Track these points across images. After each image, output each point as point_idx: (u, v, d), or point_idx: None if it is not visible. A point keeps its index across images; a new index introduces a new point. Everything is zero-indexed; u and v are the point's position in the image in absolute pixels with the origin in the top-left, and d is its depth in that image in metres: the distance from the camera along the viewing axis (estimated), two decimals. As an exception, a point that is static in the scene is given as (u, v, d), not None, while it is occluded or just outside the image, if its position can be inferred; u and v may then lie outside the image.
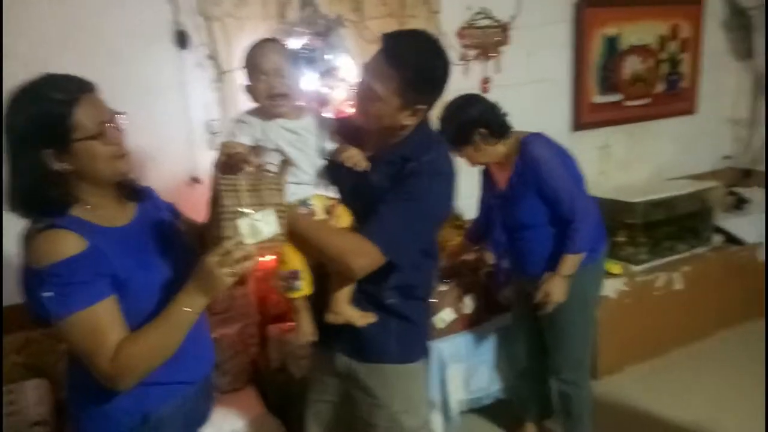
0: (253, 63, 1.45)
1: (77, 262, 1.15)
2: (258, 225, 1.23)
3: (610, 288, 3.06)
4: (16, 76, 1.20)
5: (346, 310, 1.53)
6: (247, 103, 2.46)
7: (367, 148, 1.54)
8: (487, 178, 2.36)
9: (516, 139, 2.18)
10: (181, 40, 2.40)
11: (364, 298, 1.55)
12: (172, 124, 2.46)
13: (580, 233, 2.13)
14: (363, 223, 1.46)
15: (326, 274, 1.52)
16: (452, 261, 2.70)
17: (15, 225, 1.22)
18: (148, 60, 2.37)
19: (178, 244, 1.38)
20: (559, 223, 2.17)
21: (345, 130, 1.56)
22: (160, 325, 1.22)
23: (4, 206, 1.20)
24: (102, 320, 1.17)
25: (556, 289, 2.15)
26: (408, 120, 1.47)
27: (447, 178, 1.51)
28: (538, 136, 2.19)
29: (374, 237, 1.41)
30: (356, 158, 1.48)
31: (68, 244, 1.15)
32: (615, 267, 3.17)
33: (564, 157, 2.19)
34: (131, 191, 1.35)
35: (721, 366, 3.19)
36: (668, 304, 3.27)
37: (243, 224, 1.22)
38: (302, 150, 1.47)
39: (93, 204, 1.24)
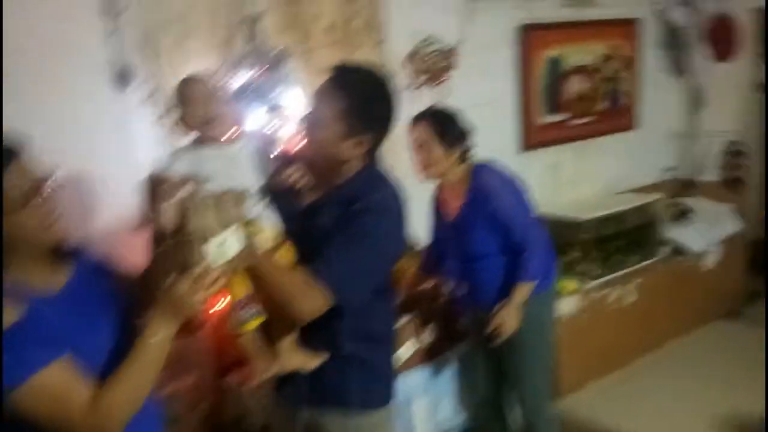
0: (180, 94, 1.46)
1: (17, 329, 1.08)
2: (225, 246, 1.20)
3: (567, 305, 3.11)
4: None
5: (291, 357, 1.48)
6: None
7: (314, 187, 1.52)
8: (437, 206, 2.36)
9: (467, 168, 2.20)
10: (123, 77, 2.32)
11: (318, 344, 1.49)
12: (115, 166, 2.36)
13: (533, 262, 2.15)
14: (308, 264, 1.41)
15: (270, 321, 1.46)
16: (409, 292, 2.66)
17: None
18: (88, 100, 2.28)
19: (120, 300, 1.33)
20: (511, 252, 2.18)
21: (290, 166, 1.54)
22: (132, 365, 1.16)
23: None
24: (60, 382, 1.11)
25: (508, 319, 2.15)
26: (351, 150, 1.44)
27: (396, 215, 1.49)
28: (487, 166, 2.22)
29: (320, 278, 1.35)
30: (296, 175, 1.47)
31: (5, 314, 1.09)
32: (570, 284, 3.22)
33: (513, 186, 2.22)
34: (64, 252, 1.28)
35: (679, 373, 3.28)
36: (623, 317, 3.35)
37: (211, 247, 1.18)
38: (236, 178, 1.41)
39: (26, 270, 1.18)
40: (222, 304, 2.18)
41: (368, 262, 1.43)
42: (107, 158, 2.33)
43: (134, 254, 1.49)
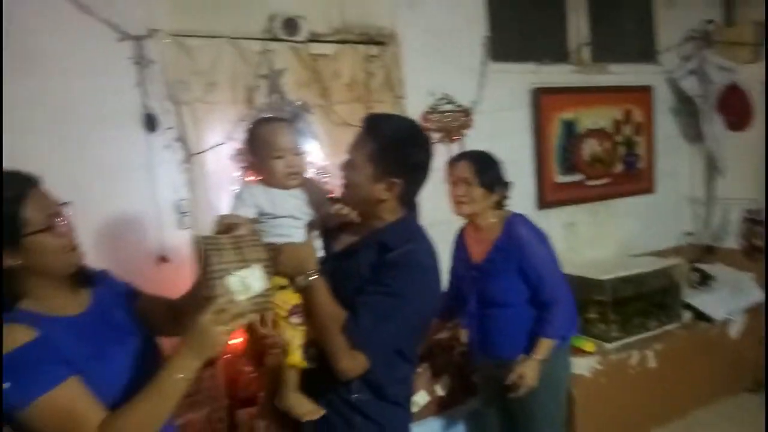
0: (268, 141, 1.46)
1: (29, 349, 1.11)
2: (247, 281, 1.23)
3: (584, 366, 3.02)
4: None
5: (290, 397, 1.45)
6: (215, 184, 2.50)
7: (353, 231, 1.55)
8: (460, 248, 2.34)
9: (502, 215, 2.21)
10: (150, 123, 2.43)
11: (326, 389, 1.46)
12: (141, 205, 2.44)
13: (558, 318, 2.12)
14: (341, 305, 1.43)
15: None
16: (425, 342, 2.63)
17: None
18: (116, 143, 2.38)
19: (136, 330, 1.34)
20: (533, 305, 2.16)
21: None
22: (152, 394, 1.16)
23: None
24: (71, 401, 1.11)
25: (530, 372, 2.10)
26: (384, 193, 1.46)
27: (430, 272, 1.48)
28: (523, 217, 2.23)
29: (350, 337, 1.37)
30: (345, 210, 1.49)
31: (16, 336, 1.11)
32: (588, 345, 3.14)
33: (547, 241, 2.22)
34: (84, 278, 1.31)
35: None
36: (642, 383, 3.22)
37: (233, 281, 1.21)
38: (303, 217, 1.49)
39: (43, 296, 1.20)
40: (238, 340, 2.19)
41: (396, 319, 1.41)
42: (134, 196, 2.42)
43: (157, 287, 1.52)
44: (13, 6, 2.17)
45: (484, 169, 2.18)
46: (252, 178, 1.54)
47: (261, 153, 1.47)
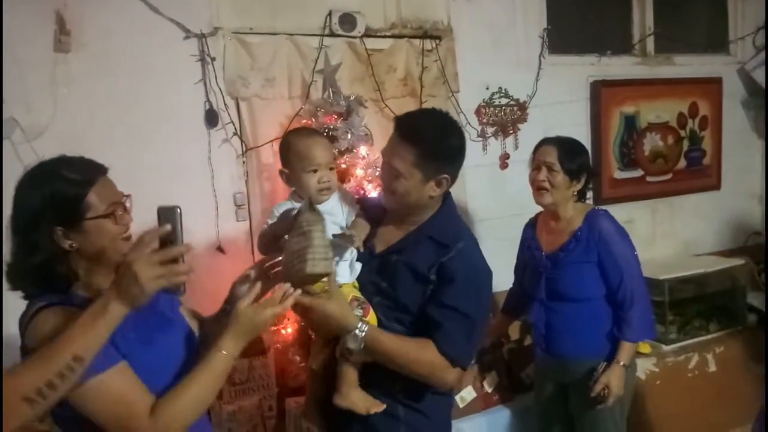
0: (303, 155, 1.48)
1: None
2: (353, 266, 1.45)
3: (639, 368, 2.92)
4: (52, 154, 1.26)
5: (352, 394, 1.46)
6: (271, 177, 2.55)
7: (392, 228, 1.57)
8: (530, 238, 2.27)
9: (583, 208, 2.16)
10: (211, 118, 2.52)
11: (373, 382, 1.49)
12: (200, 197, 2.54)
13: (638, 320, 2.05)
14: (391, 300, 1.48)
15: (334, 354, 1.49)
16: (490, 339, 2.56)
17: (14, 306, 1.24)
18: (179, 137, 2.49)
19: (179, 320, 1.39)
20: (606, 304, 2.09)
21: (370, 211, 1.59)
22: (201, 374, 1.23)
23: (5, 285, 1.23)
24: (123, 384, 1.17)
25: (615, 381, 2.03)
26: (434, 191, 1.49)
27: (488, 276, 1.53)
28: (606, 211, 2.17)
29: (448, 355, 1.44)
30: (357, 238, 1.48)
31: (71, 319, 1.16)
32: (643, 346, 3.05)
33: (629, 239, 2.15)
34: None
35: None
36: (700, 388, 3.11)
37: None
38: (333, 229, 1.50)
39: (94, 282, 1.26)
40: (288, 329, 2.27)
41: (478, 329, 1.51)
42: (193, 188, 2.51)
43: (213, 277, 1.59)
44: (94, 10, 2.30)
45: (569, 155, 2.09)
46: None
47: (295, 165, 1.49)
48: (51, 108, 2.24)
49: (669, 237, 3.75)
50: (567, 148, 2.12)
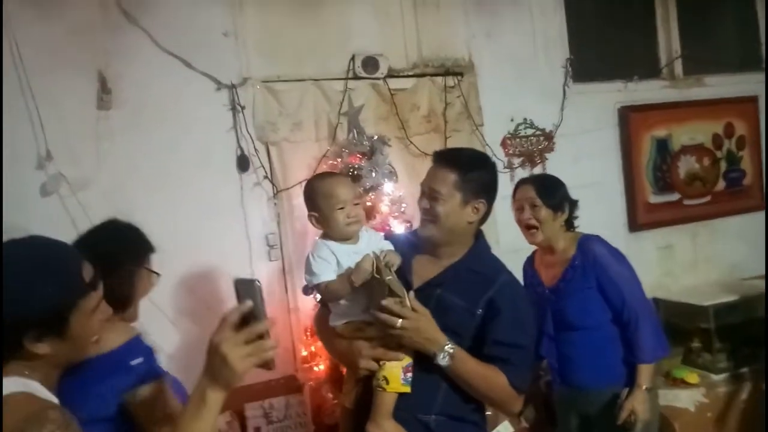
0: (329, 194, 1.55)
1: (135, 342, 1.33)
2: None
3: (688, 399, 2.83)
4: (97, 205, 1.37)
5: (385, 424, 1.48)
6: (300, 217, 2.62)
7: (426, 262, 1.62)
8: (530, 274, 2.31)
9: (574, 236, 2.18)
10: (242, 163, 2.64)
11: (406, 412, 1.50)
12: (233, 239, 2.64)
13: (648, 339, 2.04)
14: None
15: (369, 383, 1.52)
16: None
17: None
18: (212, 183, 2.61)
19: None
20: (612, 327, 2.09)
21: (397, 247, 1.64)
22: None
23: None
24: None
25: (639, 405, 2.01)
26: (471, 216, 1.57)
27: (531, 304, 1.66)
28: (598, 236, 2.19)
29: (517, 386, 1.53)
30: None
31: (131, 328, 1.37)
32: (691, 376, 2.94)
33: (625, 259, 2.16)
34: None
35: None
36: (753, 420, 2.95)
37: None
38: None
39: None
40: (321, 366, 2.30)
41: (532, 350, 1.62)
42: (227, 231, 2.62)
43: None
44: (132, 68, 2.47)
45: (547, 190, 2.15)
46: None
47: (323, 206, 1.56)
48: (94, 162, 2.41)
49: (712, 261, 3.63)
50: (543, 183, 2.19)
